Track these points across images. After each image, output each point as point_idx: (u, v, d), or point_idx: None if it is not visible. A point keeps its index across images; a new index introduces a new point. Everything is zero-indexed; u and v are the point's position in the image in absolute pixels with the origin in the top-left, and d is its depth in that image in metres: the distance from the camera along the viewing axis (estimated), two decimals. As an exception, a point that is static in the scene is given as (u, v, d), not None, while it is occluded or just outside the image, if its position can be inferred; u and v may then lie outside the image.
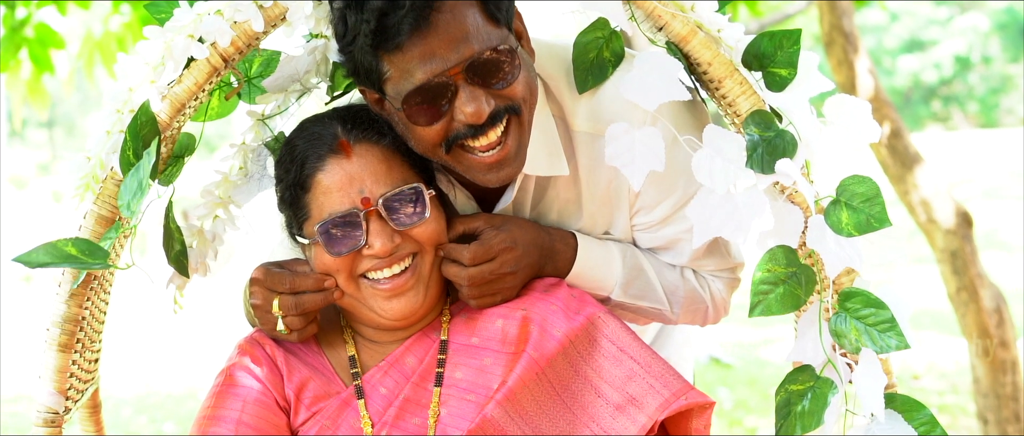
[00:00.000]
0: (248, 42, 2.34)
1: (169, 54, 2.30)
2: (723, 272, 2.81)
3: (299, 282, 2.52)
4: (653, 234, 2.71)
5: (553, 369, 2.48)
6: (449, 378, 2.53)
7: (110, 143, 2.30)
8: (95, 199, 2.34)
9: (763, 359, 9.97)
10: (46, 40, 6.31)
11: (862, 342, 2.33)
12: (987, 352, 5.75)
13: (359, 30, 2.31)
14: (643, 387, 2.47)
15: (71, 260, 2.25)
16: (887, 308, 2.33)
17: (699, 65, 2.41)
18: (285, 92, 2.59)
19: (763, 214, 2.33)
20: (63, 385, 2.39)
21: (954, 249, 5.77)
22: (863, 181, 2.33)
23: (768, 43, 2.38)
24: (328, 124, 2.48)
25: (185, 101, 2.33)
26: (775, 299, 2.34)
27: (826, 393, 2.37)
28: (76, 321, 2.38)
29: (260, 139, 2.61)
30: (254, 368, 2.57)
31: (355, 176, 2.43)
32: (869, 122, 2.40)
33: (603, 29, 2.44)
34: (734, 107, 2.41)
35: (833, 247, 2.35)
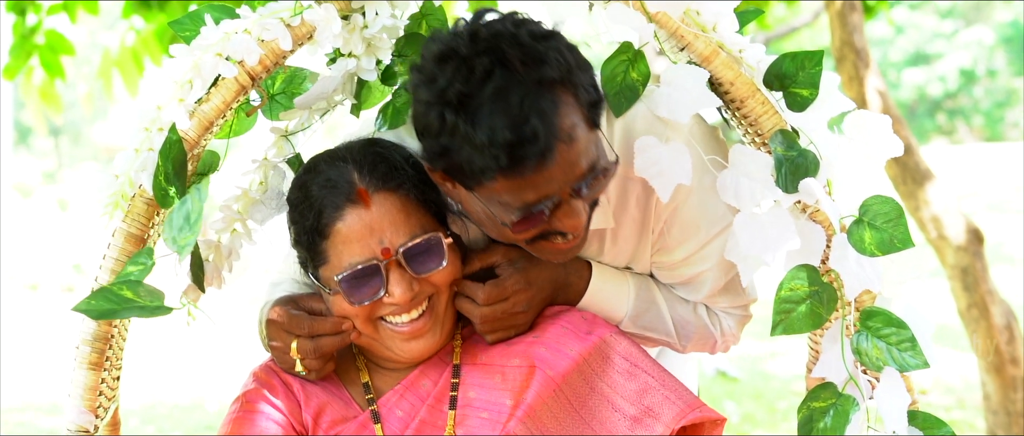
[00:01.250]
0: (275, 60, 2.35)
1: (197, 72, 2.30)
2: (736, 309, 2.82)
3: (318, 326, 2.53)
4: (671, 272, 2.73)
5: (569, 386, 2.50)
6: (463, 399, 2.55)
7: (139, 161, 2.30)
8: (124, 217, 2.35)
9: (769, 372, 9.97)
10: (57, 46, 6.34)
11: (884, 361, 2.35)
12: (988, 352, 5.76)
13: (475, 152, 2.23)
14: (658, 399, 2.49)
15: (130, 306, 2.24)
16: (908, 327, 2.35)
17: (721, 84, 2.42)
18: (309, 109, 2.59)
19: (792, 234, 2.35)
20: (93, 403, 2.41)
21: (965, 265, 5.77)
22: (886, 201, 2.35)
23: (790, 64, 2.40)
24: (343, 169, 2.46)
25: (213, 119, 2.34)
26: (797, 317, 2.36)
27: (848, 410, 2.39)
28: (106, 339, 2.39)
29: (282, 155, 2.61)
30: (271, 396, 2.58)
31: (375, 226, 2.42)
32: (890, 137, 2.42)
33: (627, 52, 2.45)
34: (755, 126, 2.43)
35: (854, 267, 2.36)
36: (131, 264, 2.29)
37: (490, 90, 2.18)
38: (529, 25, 2.25)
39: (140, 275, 2.26)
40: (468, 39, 2.23)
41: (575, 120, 2.27)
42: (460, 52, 2.21)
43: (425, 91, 2.25)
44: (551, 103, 2.21)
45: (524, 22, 2.26)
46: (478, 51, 2.20)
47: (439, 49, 2.25)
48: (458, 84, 2.19)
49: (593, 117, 2.32)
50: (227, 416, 2.60)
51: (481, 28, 2.24)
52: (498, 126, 2.18)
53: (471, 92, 2.19)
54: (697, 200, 2.54)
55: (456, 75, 2.20)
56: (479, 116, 2.19)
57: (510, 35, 2.22)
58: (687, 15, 2.39)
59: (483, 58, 2.20)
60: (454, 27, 2.29)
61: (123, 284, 2.25)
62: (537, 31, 2.25)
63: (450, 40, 2.25)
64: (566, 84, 2.25)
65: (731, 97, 2.43)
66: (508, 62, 2.19)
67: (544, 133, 2.20)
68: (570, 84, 2.25)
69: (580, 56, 2.31)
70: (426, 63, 2.26)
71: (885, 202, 2.36)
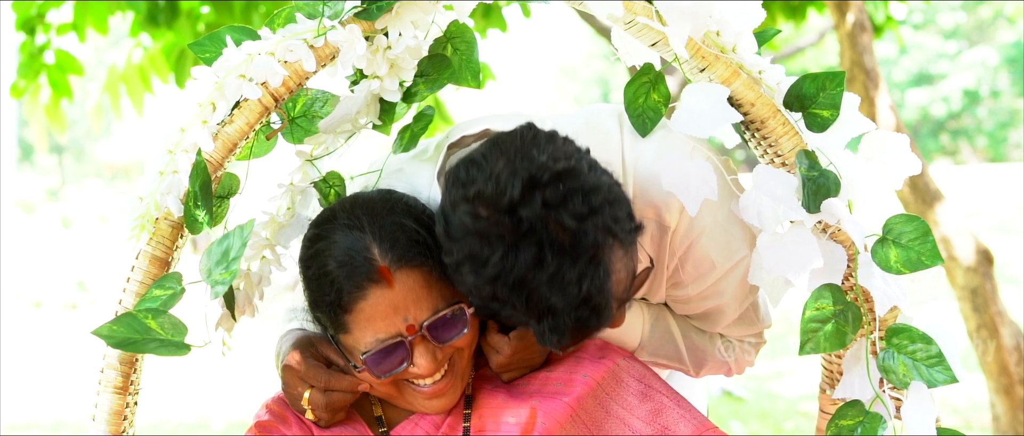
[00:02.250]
0: (299, 82, 2.34)
1: (220, 94, 2.30)
2: (750, 337, 2.83)
3: (334, 382, 2.50)
4: (686, 305, 2.73)
5: (585, 410, 2.50)
6: (475, 427, 2.54)
7: (164, 184, 2.30)
8: (149, 240, 2.33)
9: (775, 392, 9.97)
10: (65, 66, 6.35)
11: (911, 377, 2.36)
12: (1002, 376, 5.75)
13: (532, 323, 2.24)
14: (673, 417, 2.50)
15: (151, 339, 2.23)
16: (935, 343, 2.36)
17: (741, 105, 2.44)
18: (334, 133, 2.58)
19: (816, 254, 2.35)
20: (119, 427, 2.39)
21: (974, 286, 5.77)
22: (911, 219, 2.37)
23: (810, 85, 2.42)
24: (360, 240, 2.38)
25: (237, 141, 2.33)
26: (824, 337, 2.37)
27: (876, 427, 2.39)
28: (131, 363, 2.37)
29: (308, 180, 2.60)
30: (284, 428, 2.57)
31: (399, 305, 2.37)
32: (909, 156, 2.43)
33: (648, 73, 2.46)
34: (775, 147, 2.44)
35: (881, 284, 2.37)
36: (156, 287, 2.28)
37: (544, 276, 2.16)
38: (570, 201, 2.17)
39: (167, 302, 2.25)
40: (509, 222, 2.16)
41: (624, 272, 2.27)
42: (504, 237, 2.16)
43: (471, 271, 2.21)
44: (605, 274, 2.19)
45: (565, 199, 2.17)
46: (521, 234, 2.15)
47: (477, 227, 2.19)
48: (509, 271, 2.17)
49: (633, 243, 2.30)
50: None
51: (520, 206, 2.16)
52: (559, 308, 2.18)
53: (524, 277, 2.16)
54: (710, 236, 2.54)
55: (504, 261, 2.16)
56: (536, 298, 2.18)
57: (553, 218, 2.15)
58: (707, 36, 2.40)
59: (529, 242, 2.15)
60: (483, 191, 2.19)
61: (148, 312, 2.24)
62: (578, 208, 2.17)
63: (488, 221, 2.18)
64: (613, 242, 2.21)
65: (751, 118, 2.45)
66: (556, 244, 2.15)
67: (604, 305, 2.21)
68: (616, 240, 2.22)
69: (617, 193, 2.26)
70: (464, 240, 2.21)
71: (910, 220, 2.37)
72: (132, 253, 2.35)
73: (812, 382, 10.07)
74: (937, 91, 30.85)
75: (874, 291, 2.38)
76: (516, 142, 2.25)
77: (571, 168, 2.20)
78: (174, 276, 2.29)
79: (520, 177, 2.16)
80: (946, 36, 30.90)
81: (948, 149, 32.40)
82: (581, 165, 2.22)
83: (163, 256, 2.33)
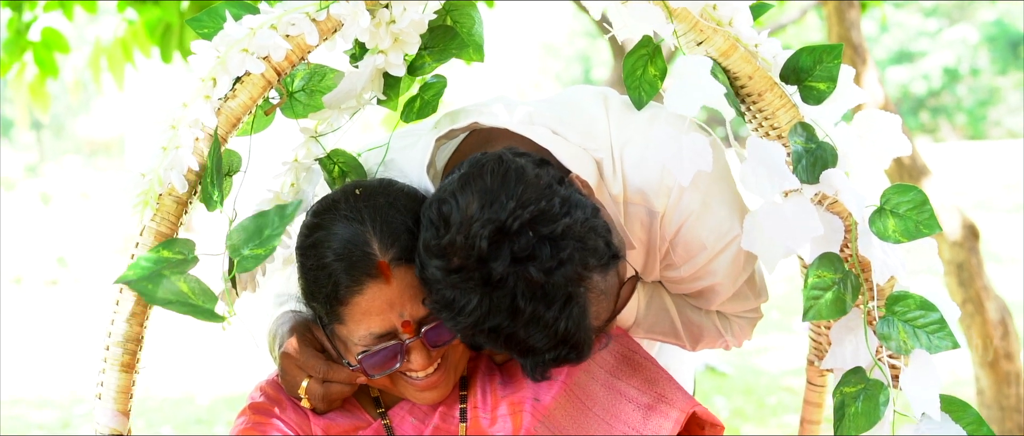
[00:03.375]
0: (301, 55, 2.35)
1: (223, 68, 2.30)
2: (748, 312, 2.85)
3: (332, 373, 2.51)
4: (679, 286, 2.75)
5: (578, 385, 2.53)
6: (471, 407, 2.57)
7: (167, 159, 2.29)
8: (153, 216, 2.32)
9: (759, 368, 10.00)
10: (51, 44, 6.30)
11: (911, 344, 2.38)
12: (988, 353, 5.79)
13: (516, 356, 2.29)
14: (668, 387, 2.54)
15: (185, 302, 2.24)
16: (937, 309, 2.40)
17: (738, 79, 2.47)
18: (339, 109, 2.57)
19: (815, 223, 2.38)
20: (126, 405, 2.37)
21: (960, 261, 5.80)
22: (908, 189, 2.40)
23: (807, 57, 2.44)
24: (361, 234, 2.38)
25: (240, 116, 2.33)
26: (825, 304, 2.40)
27: (877, 394, 2.43)
28: (137, 340, 2.35)
29: (312, 157, 2.59)
30: (278, 411, 2.57)
31: (395, 301, 2.36)
32: (899, 136, 2.47)
33: (647, 46, 2.47)
34: (772, 120, 2.47)
35: (880, 254, 2.40)
36: (165, 248, 2.28)
37: (521, 323, 2.19)
38: (539, 251, 2.19)
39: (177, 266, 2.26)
40: (479, 277, 2.19)
41: (605, 299, 2.31)
42: (477, 289, 2.19)
43: (450, 319, 2.25)
44: (581, 310, 2.23)
45: (533, 251, 2.19)
46: (493, 286, 2.18)
47: (450, 281, 2.21)
48: (485, 320, 2.20)
49: (612, 267, 2.32)
50: (234, 429, 2.57)
51: (490, 259, 2.18)
52: (539, 347, 2.23)
53: (502, 324, 2.20)
54: (699, 218, 2.55)
55: (478, 309, 2.20)
56: (516, 340, 2.23)
57: (522, 273, 2.18)
58: (704, 11, 2.42)
59: (503, 295, 2.18)
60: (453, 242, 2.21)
61: (181, 278, 2.25)
62: (547, 262, 2.19)
63: (460, 275, 2.20)
64: (589, 273, 2.24)
65: (748, 91, 2.47)
66: (528, 294, 2.18)
67: (583, 340, 2.25)
68: (591, 269, 2.24)
69: (592, 225, 2.27)
70: (439, 290, 2.24)
71: (907, 190, 2.40)
72: (136, 229, 2.33)
73: (795, 357, 10.12)
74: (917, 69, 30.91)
75: (873, 261, 2.41)
76: (486, 181, 2.25)
77: (541, 212, 2.21)
78: (186, 242, 2.29)
79: (489, 229, 2.18)
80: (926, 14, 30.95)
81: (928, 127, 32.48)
82: (552, 206, 2.22)
83: (168, 231, 2.31)
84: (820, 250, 2.43)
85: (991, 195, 19.71)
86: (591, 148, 2.53)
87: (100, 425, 2.36)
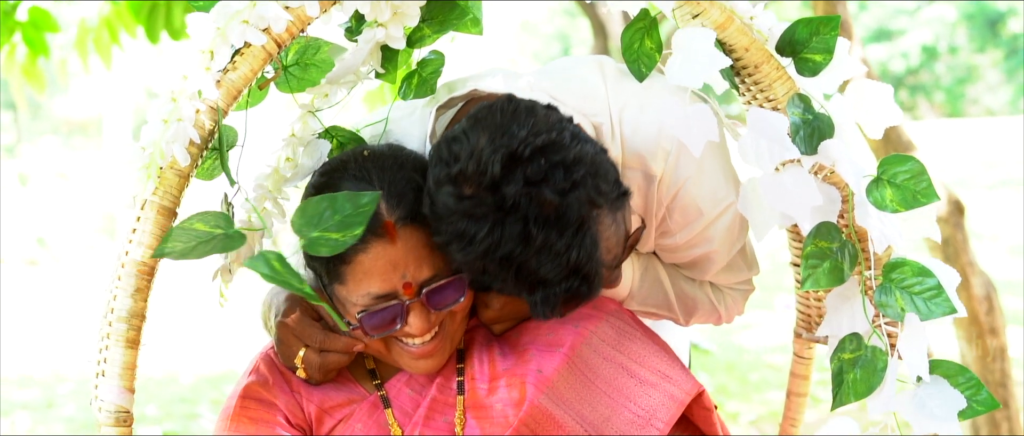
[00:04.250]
0: (301, 27, 2.34)
1: (223, 40, 2.29)
2: (740, 285, 2.87)
3: (329, 342, 2.51)
4: (674, 255, 2.77)
5: (580, 359, 2.53)
6: (469, 379, 2.57)
7: (169, 132, 2.28)
8: (155, 190, 2.30)
9: (741, 345, 10.04)
10: (40, 23, 6.25)
11: (908, 310, 2.42)
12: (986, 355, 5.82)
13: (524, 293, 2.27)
14: (670, 363, 2.54)
15: (210, 238, 2.23)
16: (933, 275, 2.41)
17: (734, 51, 2.47)
18: (338, 84, 2.56)
19: (814, 192, 2.40)
20: (132, 382, 2.36)
21: (946, 237, 5.82)
22: (906, 159, 2.42)
23: (804, 29, 2.46)
24: (369, 189, 2.38)
25: (241, 88, 2.33)
26: (822, 273, 2.42)
27: (876, 361, 2.46)
28: (142, 316, 2.33)
29: (308, 131, 2.58)
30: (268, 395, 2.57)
31: (398, 262, 2.36)
32: (891, 106, 2.49)
33: (644, 19, 2.48)
34: (767, 92, 2.49)
35: (877, 224, 2.42)
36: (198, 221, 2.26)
37: (532, 249, 2.19)
38: (552, 175, 2.20)
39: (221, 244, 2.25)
40: (492, 201, 2.19)
41: (614, 238, 2.31)
42: (488, 216, 2.19)
43: (459, 250, 2.24)
44: (592, 242, 2.23)
45: (547, 174, 2.20)
46: (506, 211, 2.18)
47: (462, 208, 2.21)
48: (497, 248, 2.20)
49: (620, 208, 2.34)
50: (225, 409, 2.57)
51: (503, 183, 2.19)
52: (550, 279, 2.22)
53: (513, 253, 2.20)
54: (696, 183, 2.57)
55: (490, 237, 2.19)
56: (526, 271, 2.22)
57: (535, 195, 2.18)
58: (700, -17, 2.42)
59: (514, 219, 2.18)
60: (464, 169, 2.22)
61: (195, 217, 2.25)
62: (560, 183, 2.20)
63: (471, 201, 2.21)
64: (599, 209, 2.25)
65: (744, 63, 2.49)
66: (541, 217, 2.18)
67: (594, 273, 2.25)
68: (602, 207, 2.25)
69: (601, 162, 2.29)
70: (450, 220, 2.24)
71: (905, 160, 2.42)
72: (137, 204, 2.31)
73: (777, 334, 10.16)
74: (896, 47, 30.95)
75: (871, 230, 2.43)
76: (496, 117, 2.26)
77: (552, 141, 2.22)
78: (222, 217, 2.27)
79: (501, 154, 2.19)
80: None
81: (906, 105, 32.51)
82: (562, 137, 2.24)
83: (170, 206, 2.30)
84: (817, 220, 2.44)
85: (971, 173, 19.79)
86: (590, 113, 2.54)
87: (106, 403, 2.33)
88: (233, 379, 9.32)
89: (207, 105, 2.30)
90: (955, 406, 2.45)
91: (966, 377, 2.48)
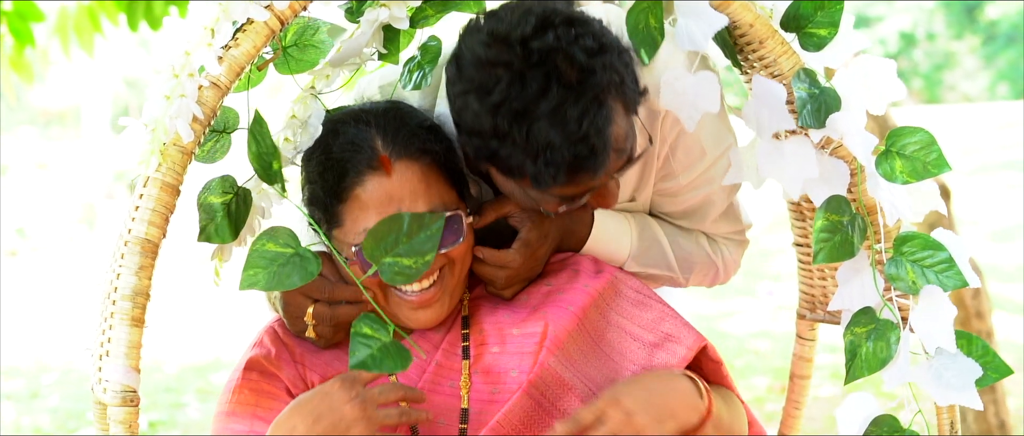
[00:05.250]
0: (304, 3, 2.33)
1: (226, 16, 2.28)
2: (735, 234, 2.89)
3: (339, 292, 2.52)
4: (675, 200, 2.78)
5: (588, 320, 2.55)
6: (476, 345, 2.57)
7: (172, 108, 2.26)
8: (157, 167, 2.28)
9: (725, 331, 10.06)
10: (25, 13, 6.21)
11: (920, 283, 2.43)
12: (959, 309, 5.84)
13: (530, 163, 2.27)
14: (675, 325, 2.57)
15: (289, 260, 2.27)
16: (945, 248, 2.43)
17: (738, 27, 2.47)
18: (339, 66, 2.55)
19: (812, 164, 2.40)
20: (138, 361, 2.31)
21: (932, 221, 5.84)
22: (915, 130, 2.44)
23: (808, 3, 2.45)
24: (366, 131, 2.45)
25: (243, 65, 2.31)
26: (833, 247, 2.42)
27: (888, 334, 2.46)
28: (146, 294, 2.31)
29: (309, 112, 2.56)
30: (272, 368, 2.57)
31: (394, 195, 2.41)
32: (894, 81, 2.49)
33: (646, 0, 2.48)
34: (772, 68, 2.48)
35: (887, 196, 2.42)
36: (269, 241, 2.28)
37: (547, 107, 2.21)
38: (581, 40, 2.25)
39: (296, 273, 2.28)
40: (520, 51, 2.23)
41: (625, 127, 2.33)
42: (513, 65, 2.22)
43: (476, 100, 2.26)
44: (606, 118, 2.25)
45: (577, 38, 2.25)
46: (531, 64, 2.21)
47: (488, 56, 2.25)
48: (513, 99, 2.22)
49: (635, 109, 2.38)
50: (228, 382, 2.59)
51: (533, 39, 2.23)
52: (557, 143, 2.22)
53: (527, 107, 2.21)
54: (700, 123, 2.55)
55: (510, 88, 2.22)
56: (536, 131, 2.22)
57: (563, 51, 2.22)
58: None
59: (537, 73, 2.21)
60: (497, 27, 2.29)
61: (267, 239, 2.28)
62: (589, 46, 2.25)
63: (499, 49, 2.25)
64: (617, 93, 2.28)
65: (748, 39, 2.48)
66: (563, 78, 2.21)
67: (601, 148, 2.26)
68: (620, 92, 2.29)
69: (627, 56, 2.35)
70: (473, 68, 2.27)
71: (914, 131, 2.43)
72: (140, 181, 2.29)
73: (759, 321, 10.20)
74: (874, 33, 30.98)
75: (883, 203, 2.43)
76: (527, 5, 2.32)
77: (586, 18, 2.31)
78: (287, 232, 2.28)
79: (535, 15, 2.26)
80: (884, -22, 31.12)
81: (884, 92, 32.61)
82: (592, 25, 2.31)
83: (173, 182, 2.28)
84: (825, 194, 2.45)
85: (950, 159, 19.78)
86: None
87: (111, 383, 2.27)
88: (219, 368, 9.36)
89: (210, 81, 2.29)
90: (971, 375, 2.46)
91: (978, 345, 2.48)
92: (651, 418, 2.35)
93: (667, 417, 2.37)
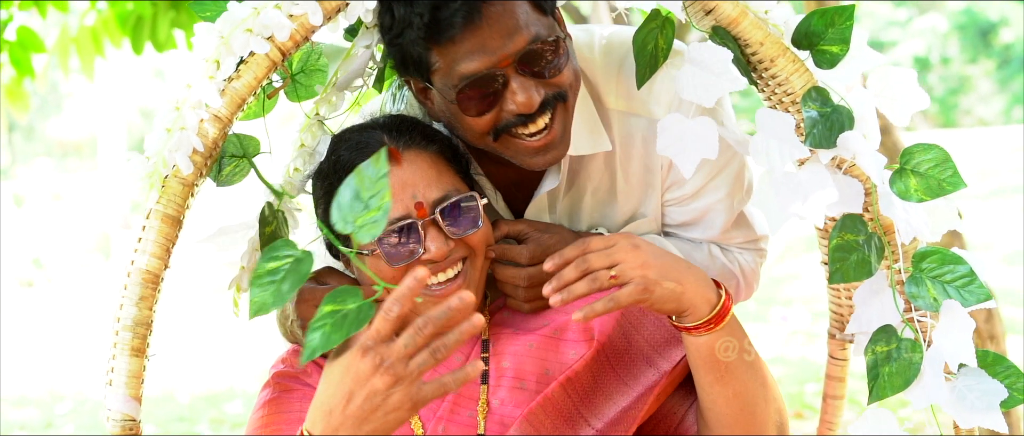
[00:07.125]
0: (305, 35, 2.34)
1: (227, 49, 2.28)
2: (749, 244, 2.87)
3: None
4: (684, 208, 2.77)
5: (609, 343, 2.54)
6: (495, 371, 2.55)
7: (173, 141, 2.27)
8: (159, 199, 2.31)
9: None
10: (26, 43, 6.22)
11: (941, 299, 2.40)
12: None
13: (409, 22, 2.35)
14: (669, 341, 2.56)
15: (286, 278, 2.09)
16: (965, 263, 2.40)
17: (749, 46, 2.45)
18: (343, 91, 2.57)
19: (828, 187, 2.38)
20: (138, 390, 2.34)
21: (945, 243, 5.82)
22: (929, 147, 2.41)
23: (819, 21, 2.42)
24: (371, 132, 2.49)
25: (245, 96, 2.32)
26: (850, 266, 2.40)
27: (911, 353, 2.43)
28: (147, 324, 2.34)
29: (317, 140, 2.58)
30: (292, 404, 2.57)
31: (407, 182, 2.42)
32: (917, 91, 2.46)
33: (656, 19, 2.47)
34: (785, 86, 2.45)
35: (902, 214, 2.40)
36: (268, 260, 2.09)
37: None
38: None
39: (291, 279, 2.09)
40: None
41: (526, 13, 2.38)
42: None
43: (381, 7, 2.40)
44: None
45: None
46: None
47: None
48: None
49: (540, 1, 2.43)
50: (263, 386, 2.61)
51: None
52: None
53: None
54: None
55: None
56: None
57: None
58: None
59: None
60: None
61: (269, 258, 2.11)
62: None
63: None
64: None
65: (759, 58, 2.46)
66: None
67: None
68: None
69: None
70: None
71: (928, 149, 2.41)
72: (143, 213, 2.31)
73: (772, 347, 10.14)
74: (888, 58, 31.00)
75: (897, 222, 2.41)
76: None
77: None
78: (287, 243, 2.12)
79: None
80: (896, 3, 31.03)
81: (899, 116, 32.56)
82: None
83: (174, 214, 2.31)
84: (840, 213, 2.44)
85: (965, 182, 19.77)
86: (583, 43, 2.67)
87: (112, 411, 2.33)
88: (232, 397, 9.35)
89: (211, 114, 2.30)
90: (997, 397, 2.42)
91: (1004, 366, 2.45)
92: (657, 271, 2.36)
93: (673, 279, 2.37)
